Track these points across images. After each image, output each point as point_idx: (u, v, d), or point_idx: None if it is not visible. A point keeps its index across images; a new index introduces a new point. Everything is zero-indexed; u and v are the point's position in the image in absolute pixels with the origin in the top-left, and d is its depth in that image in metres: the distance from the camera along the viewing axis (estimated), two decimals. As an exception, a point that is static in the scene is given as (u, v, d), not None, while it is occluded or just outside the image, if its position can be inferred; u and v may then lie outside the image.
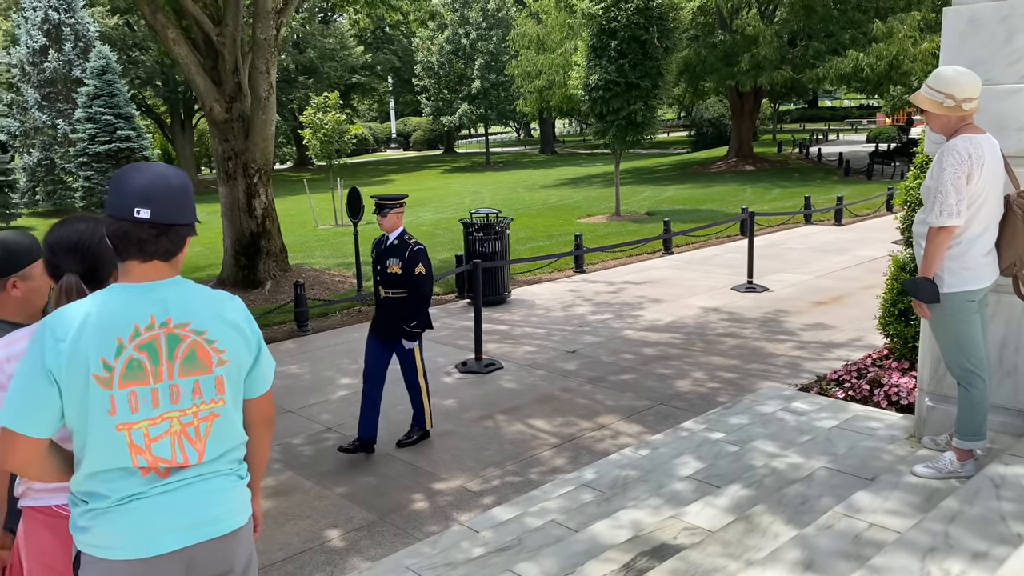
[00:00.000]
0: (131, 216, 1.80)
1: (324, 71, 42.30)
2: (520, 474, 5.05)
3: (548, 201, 22.38)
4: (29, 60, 29.95)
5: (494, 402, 6.39)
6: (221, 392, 1.92)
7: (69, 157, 28.43)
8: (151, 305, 1.83)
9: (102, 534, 1.81)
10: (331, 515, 4.64)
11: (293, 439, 5.82)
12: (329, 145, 19.91)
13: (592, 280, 11.30)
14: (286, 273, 11.51)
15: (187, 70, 10.77)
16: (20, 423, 1.75)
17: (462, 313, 9.55)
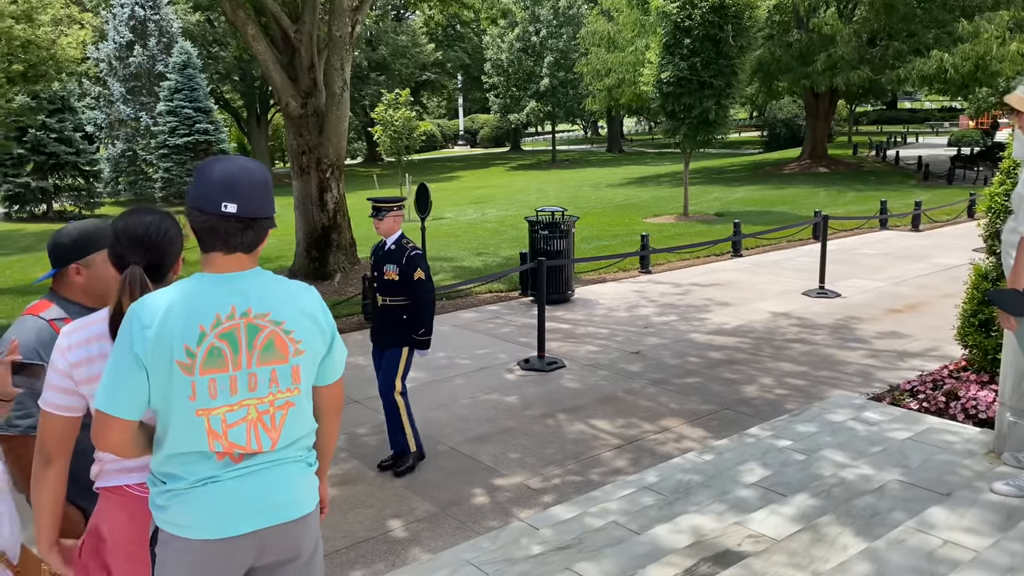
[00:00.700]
0: (218, 210, 1.86)
1: (396, 68, 42.86)
2: (581, 474, 5.04)
3: (614, 200, 22.24)
4: (116, 55, 31.14)
5: (556, 401, 6.39)
6: (296, 381, 1.97)
7: (150, 149, 29.49)
8: (233, 295, 1.89)
9: (179, 514, 1.88)
10: (393, 505, 4.71)
11: (358, 428, 5.92)
12: (399, 141, 20.19)
13: (658, 281, 11.19)
14: (355, 266, 11.71)
15: (265, 66, 11.04)
16: (113, 406, 1.83)
17: (525, 310, 9.57)
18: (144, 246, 2.07)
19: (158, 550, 1.91)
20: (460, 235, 16.55)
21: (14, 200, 26.28)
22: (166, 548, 1.90)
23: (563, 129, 57.36)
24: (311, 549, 2.05)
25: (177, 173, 27.93)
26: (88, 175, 27.44)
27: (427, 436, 5.71)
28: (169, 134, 27.92)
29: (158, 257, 2.10)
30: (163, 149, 28.11)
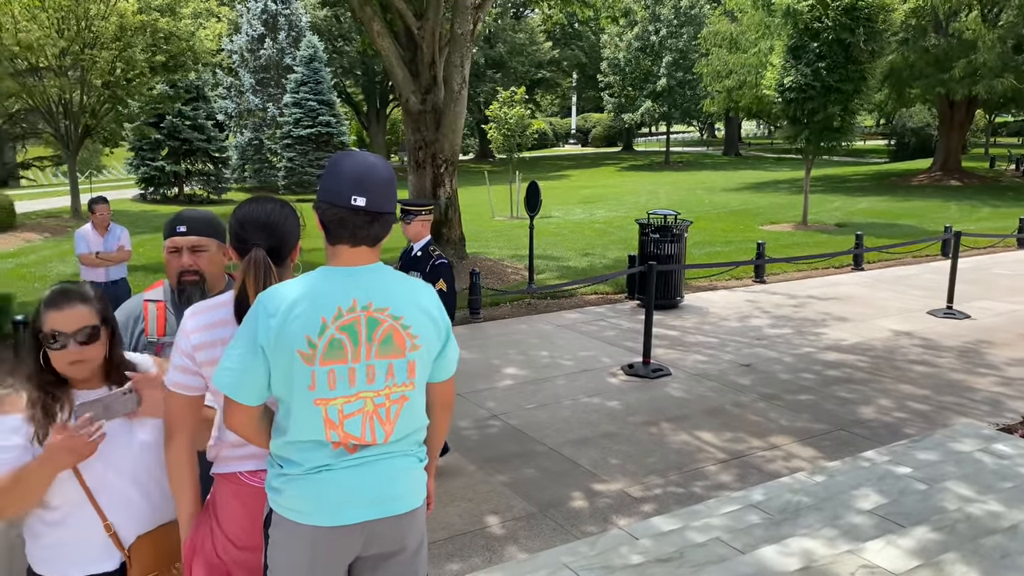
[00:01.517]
0: (348, 204, 1.90)
1: (512, 66, 43.19)
2: (683, 485, 4.92)
3: (729, 205, 21.69)
4: (248, 47, 32.64)
5: (660, 409, 6.27)
6: (412, 376, 1.99)
7: (275, 139, 30.78)
8: (354, 289, 1.93)
9: (292, 498, 1.93)
10: (492, 501, 4.72)
11: (460, 422, 5.98)
12: (511, 139, 20.31)
13: (772, 291, 10.82)
14: (463, 261, 11.86)
15: (388, 61, 11.31)
16: (235, 391, 1.90)
17: (631, 314, 9.44)
18: (266, 230, 2.12)
19: (271, 531, 1.97)
20: (567, 234, 16.51)
21: (149, 182, 27.92)
22: (278, 530, 1.95)
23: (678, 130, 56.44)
24: (416, 543, 2.06)
25: (299, 163, 29.05)
26: (217, 161, 28.85)
27: (527, 436, 5.71)
28: (293, 125, 29.06)
29: (278, 241, 2.15)
30: (287, 139, 29.28)
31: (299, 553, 1.93)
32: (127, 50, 19.75)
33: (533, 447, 5.51)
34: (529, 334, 8.59)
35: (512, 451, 5.46)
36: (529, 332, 8.68)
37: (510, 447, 5.52)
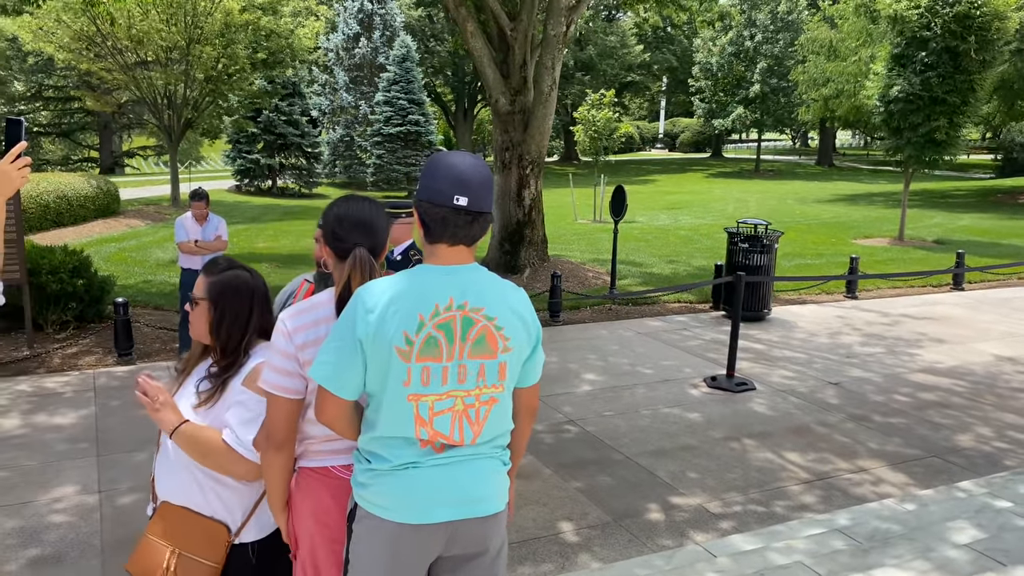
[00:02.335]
0: (451, 203, 1.91)
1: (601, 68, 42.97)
2: (764, 504, 4.77)
3: (820, 216, 21.03)
4: (343, 46, 33.45)
5: (742, 424, 6.11)
6: (502, 378, 1.99)
7: (366, 136, 31.43)
8: (451, 287, 1.93)
9: (378, 494, 1.94)
10: (567, 507, 4.68)
11: (537, 425, 5.95)
12: (598, 142, 20.21)
13: (864, 308, 10.43)
14: (544, 263, 11.84)
15: (479, 62, 11.38)
16: (332, 384, 1.92)
17: (715, 325, 9.24)
18: (366, 229, 2.15)
19: (355, 526, 1.98)
20: (651, 240, 16.30)
21: (245, 174, 28.91)
22: (362, 525, 1.97)
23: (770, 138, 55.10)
24: (498, 547, 2.05)
25: (387, 160, 29.59)
26: (310, 156, 29.66)
27: (604, 443, 5.64)
28: (384, 123, 29.63)
29: (374, 240, 2.17)
30: (377, 137, 29.87)
31: (382, 549, 1.93)
32: (230, 46, 20.51)
33: (610, 455, 5.44)
34: (609, 340, 8.50)
35: (588, 458, 5.40)
36: (609, 338, 8.59)
37: (586, 453, 5.46)
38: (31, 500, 4.59)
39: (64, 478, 4.91)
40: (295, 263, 13.48)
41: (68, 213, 16.88)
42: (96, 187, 18.73)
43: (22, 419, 5.89)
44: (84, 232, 16.23)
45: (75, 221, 17.11)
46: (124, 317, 7.34)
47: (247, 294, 2.17)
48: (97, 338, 8.01)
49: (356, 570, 1.98)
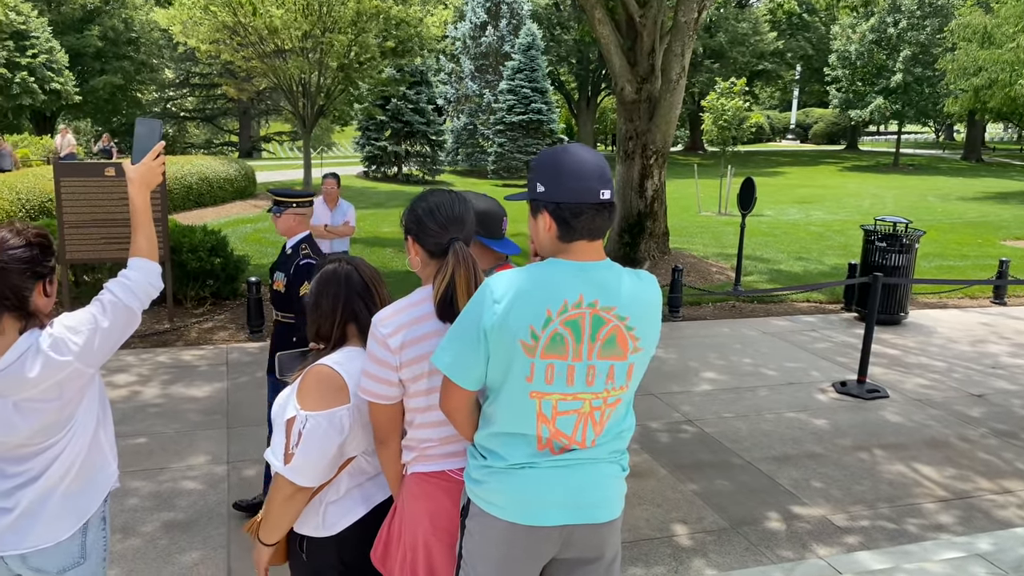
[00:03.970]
0: (597, 199, 1.84)
1: (732, 56, 41.65)
2: (895, 521, 4.48)
3: (965, 215, 19.65)
4: (470, 35, 33.83)
5: (873, 433, 5.76)
6: (629, 379, 1.92)
7: (488, 124, 31.72)
8: (583, 284, 1.86)
9: (492, 491, 1.90)
10: (682, 509, 4.55)
11: (652, 423, 5.82)
12: (726, 132, 19.58)
13: (1013, 315, 9.65)
14: (665, 256, 11.59)
15: (606, 49, 11.21)
16: (454, 372, 1.88)
17: (846, 327, 8.78)
18: (460, 222, 2.10)
19: (468, 522, 1.96)
20: (779, 236, 15.68)
21: (372, 161, 29.77)
22: (475, 521, 1.94)
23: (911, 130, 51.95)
24: (613, 554, 1.99)
25: (508, 149, 29.77)
26: (434, 144, 30.22)
27: (722, 446, 5.46)
28: (507, 111, 29.80)
29: (467, 232, 2.13)
30: (499, 125, 30.08)
31: (494, 547, 1.90)
32: (361, 35, 21.10)
33: (729, 458, 5.26)
34: (731, 338, 8.22)
35: (705, 460, 5.23)
36: (731, 336, 8.30)
37: (703, 455, 5.29)
38: (166, 466, 4.87)
39: (196, 447, 5.17)
40: (417, 248, 13.74)
41: (209, 194, 17.87)
42: (235, 170, 19.76)
43: (160, 389, 6.26)
44: (223, 213, 17.13)
45: (215, 202, 18.10)
46: (256, 296, 7.68)
47: (334, 286, 2.17)
48: (231, 314, 8.42)
49: (469, 566, 1.95)
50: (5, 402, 2.01)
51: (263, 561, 2.18)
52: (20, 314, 2.03)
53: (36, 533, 2.11)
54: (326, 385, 2.04)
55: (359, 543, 2.19)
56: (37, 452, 2.10)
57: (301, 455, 2.00)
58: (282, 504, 2.06)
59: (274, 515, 2.08)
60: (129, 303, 2.17)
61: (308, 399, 2.03)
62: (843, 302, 9.72)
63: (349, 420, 2.05)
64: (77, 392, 2.12)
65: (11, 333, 2.02)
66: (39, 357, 2.02)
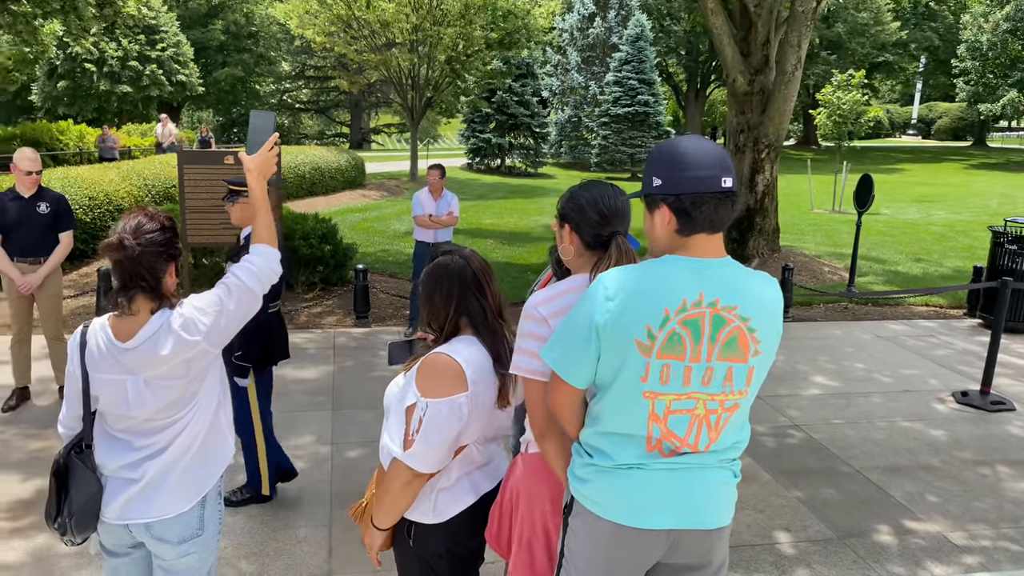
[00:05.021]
0: (719, 187, 1.77)
1: (850, 47, 39.94)
2: (1021, 543, 4.19)
3: (1107, 218, 18.20)
4: (577, 26, 33.65)
5: (997, 448, 5.41)
6: (748, 383, 1.84)
7: (593, 116, 31.50)
8: (703, 282, 1.78)
9: (598, 491, 1.86)
10: (785, 517, 4.39)
11: (757, 426, 5.64)
12: (842, 126, 18.76)
13: None
14: (774, 254, 11.22)
15: (718, 40, 10.93)
16: (563, 368, 1.85)
17: (969, 334, 8.27)
18: (621, 215, 2.09)
19: (572, 520, 1.93)
20: (897, 236, 14.93)
21: (476, 152, 30.08)
22: (579, 520, 1.91)
23: (1046, 126, 48.51)
24: (720, 561, 1.92)
25: (613, 141, 29.48)
26: (537, 136, 30.26)
27: (831, 453, 5.24)
28: (612, 103, 29.51)
29: (627, 226, 2.12)
30: (604, 117, 29.82)
31: (597, 547, 1.86)
32: (468, 27, 21.32)
33: (837, 466, 5.04)
34: (843, 341, 7.88)
35: (812, 467, 5.03)
36: (843, 339, 7.96)
37: (810, 462, 5.09)
38: (275, 444, 5.04)
39: (303, 427, 5.35)
40: (518, 240, 13.81)
41: (320, 183, 18.45)
42: (346, 160, 20.33)
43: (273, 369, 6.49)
44: (333, 202, 17.66)
45: (326, 191, 18.67)
46: (363, 283, 7.88)
47: (447, 280, 2.18)
48: (339, 300, 8.67)
49: (571, 565, 1.92)
50: (137, 378, 2.13)
51: (376, 546, 2.21)
52: (153, 295, 2.15)
53: (160, 504, 2.23)
54: (445, 373, 2.05)
55: (466, 531, 2.21)
56: (163, 427, 2.22)
57: (422, 441, 2.01)
58: (400, 490, 2.08)
59: (390, 500, 2.10)
60: (252, 287, 2.28)
61: (428, 387, 2.04)
62: (966, 307, 9.17)
63: (468, 407, 2.06)
64: (202, 371, 2.23)
65: (144, 313, 2.14)
66: (170, 336, 2.13)
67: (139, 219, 2.15)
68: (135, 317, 2.14)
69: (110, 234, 2.12)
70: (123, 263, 2.10)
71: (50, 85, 33.55)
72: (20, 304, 5.43)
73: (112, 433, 2.24)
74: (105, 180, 11.09)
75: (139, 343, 2.12)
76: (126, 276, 2.12)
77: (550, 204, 20.32)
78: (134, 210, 2.20)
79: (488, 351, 2.14)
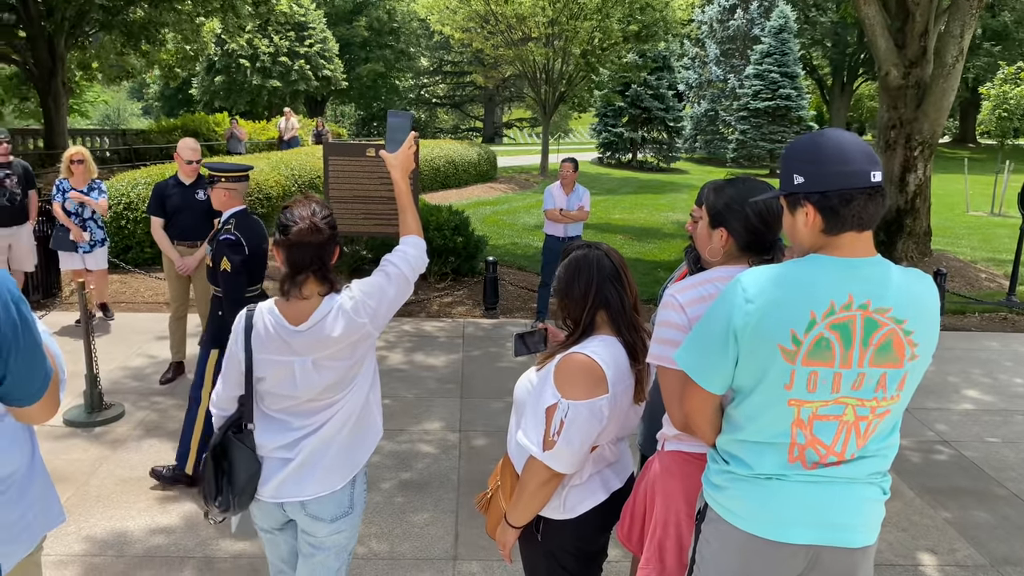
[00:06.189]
0: (868, 182, 1.66)
1: (1019, 37, 36.95)
2: None
3: None
4: (718, 18, 32.79)
5: None
6: (900, 389, 1.72)
7: (731, 110, 30.63)
8: (852, 283, 1.68)
9: (734, 499, 1.79)
10: (931, 538, 4.11)
11: (902, 439, 5.30)
12: (1007, 122, 17.39)
13: None
14: (925, 258, 10.54)
15: (870, 31, 10.35)
16: (698, 373, 1.78)
17: None
18: (780, 218, 1.97)
19: (704, 527, 1.86)
20: (1066, 242, 13.70)
21: (607, 147, 29.89)
22: (711, 528, 1.84)
23: None
24: None
25: (751, 136, 28.57)
26: (672, 131, 29.72)
27: (984, 473, 4.86)
28: (752, 97, 28.58)
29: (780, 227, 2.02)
30: (743, 112, 28.94)
31: (730, 558, 1.79)
32: (605, 20, 21.16)
33: (991, 488, 4.68)
34: (1001, 354, 7.31)
35: (962, 486, 4.69)
36: (1001, 352, 7.38)
37: (960, 481, 4.75)
38: (405, 429, 5.19)
39: (432, 414, 5.47)
40: (648, 236, 13.62)
41: (454, 176, 18.84)
42: (478, 154, 20.67)
43: (404, 356, 6.69)
44: (465, 195, 17.99)
45: (459, 184, 19.05)
46: (492, 275, 7.98)
47: (586, 271, 2.14)
48: (468, 291, 8.82)
49: (703, 573, 1.86)
50: (305, 360, 2.22)
51: (509, 543, 2.21)
52: (323, 278, 2.22)
53: (314, 482, 2.31)
54: (587, 374, 2.02)
55: (595, 528, 2.19)
56: (322, 407, 2.30)
57: (564, 442, 1.99)
58: (537, 489, 2.06)
59: (527, 499, 2.09)
60: (408, 275, 2.38)
61: (569, 387, 2.02)
62: None
63: (608, 409, 2.03)
64: (363, 354, 2.31)
65: (314, 297, 2.22)
66: (342, 317, 2.21)
67: (314, 206, 2.23)
68: (306, 301, 2.21)
69: (285, 221, 2.18)
70: (304, 248, 2.16)
71: (208, 80, 35.89)
72: (179, 284, 5.82)
73: (269, 413, 2.32)
74: (256, 170, 11.74)
75: (311, 325, 2.19)
76: (305, 260, 2.18)
77: (682, 200, 19.90)
78: (301, 198, 2.27)
79: (625, 346, 2.09)
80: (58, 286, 8.13)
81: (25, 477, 1.83)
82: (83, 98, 34.28)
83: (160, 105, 47.63)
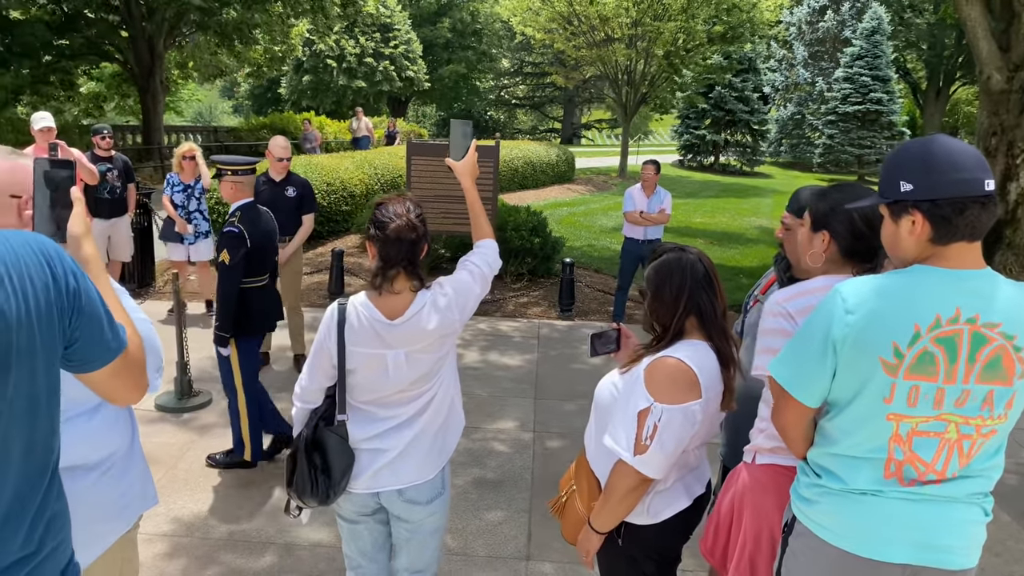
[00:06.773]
0: (982, 190, 1.59)
1: None
2: None
3: None
4: (807, 20, 31.97)
5: None
6: (1009, 408, 1.65)
7: (819, 114, 29.80)
8: (960, 296, 1.61)
9: (825, 514, 1.74)
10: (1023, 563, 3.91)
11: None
12: (1119, 129, 16.40)
13: None
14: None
15: (972, 32, 9.90)
16: (794, 386, 1.74)
17: None
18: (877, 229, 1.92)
19: (792, 540, 1.81)
20: None
21: (689, 149, 29.45)
22: (800, 542, 1.79)
23: None
24: None
25: (839, 141, 27.75)
26: (756, 134, 29.08)
27: (1090, 499, 4.60)
28: (841, 101, 27.76)
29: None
30: (831, 116, 28.13)
31: (821, 573, 1.74)
32: (690, 21, 20.86)
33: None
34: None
35: (1063, 513, 4.44)
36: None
37: (1060, 507, 4.50)
38: (479, 427, 5.22)
39: (506, 413, 5.49)
40: (730, 241, 13.37)
41: (531, 177, 18.87)
42: (556, 155, 20.64)
43: (479, 354, 6.74)
44: (542, 195, 18.00)
45: (536, 185, 19.07)
46: (569, 276, 7.96)
47: (679, 275, 2.09)
48: (544, 292, 8.82)
49: None
50: (398, 353, 2.28)
51: (593, 548, 2.18)
52: (411, 273, 2.27)
53: (411, 471, 2.38)
54: (680, 379, 1.99)
55: (676, 534, 2.17)
56: (411, 399, 2.36)
57: (656, 447, 1.97)
58: (626, 494, 2.04)
59: (614, 504, 2.07)
60: (488, 275, 2.47)
61: (662, 392, 1.99)
62: None
63: (701, 414, 2.00)
64: (449, 348, 2.39)
65: (406, 292, 2.28)
66: (435, 312, 2.28)
67: (408, 204, 2.29)
68: (399, 296, 2.26)
69: (382, 218, 2.24)
70: (399, 243, 2.21)
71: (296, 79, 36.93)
72: (283, 279, 5.99)
73: (356, 405, 2.38)
74: (341, 168, 12.00)
75: (407, 319, 2.25)
76: (399, 256, 2.22)
77: (766, 205, 19.46)
78: (395, 196, 2.33)
79: (716, 352, 2.05)
80: (152, 276, 8.48)
81: (125, 457, 1.91)
82: (178, 96, 35.74)
83: (250, 104, 49.26)
